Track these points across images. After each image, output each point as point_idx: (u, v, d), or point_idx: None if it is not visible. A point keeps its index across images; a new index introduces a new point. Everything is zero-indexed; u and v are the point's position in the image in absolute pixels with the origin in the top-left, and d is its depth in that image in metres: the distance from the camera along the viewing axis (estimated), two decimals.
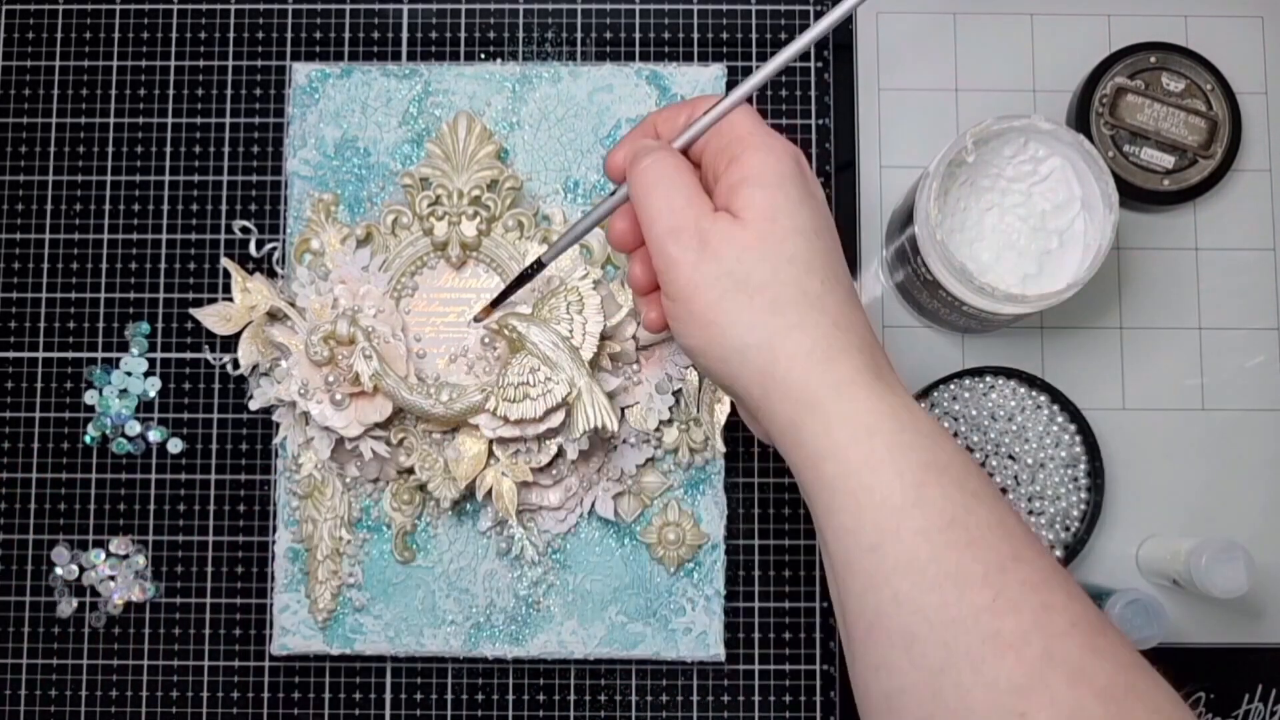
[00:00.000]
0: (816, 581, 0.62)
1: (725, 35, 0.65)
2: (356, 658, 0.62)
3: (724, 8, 0.65)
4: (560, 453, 0.59)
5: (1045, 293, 0.54)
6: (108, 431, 0.63)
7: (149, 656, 0.62)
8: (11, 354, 0.64)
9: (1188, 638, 0.61)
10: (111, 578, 0.62)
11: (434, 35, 0.65)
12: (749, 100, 0.45)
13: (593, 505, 0.61)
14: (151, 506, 0.63)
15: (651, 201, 0.43)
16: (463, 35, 0.65)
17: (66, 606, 0.62)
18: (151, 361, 0.63)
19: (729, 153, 0.44)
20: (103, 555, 0.62)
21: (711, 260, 0.42)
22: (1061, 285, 0.54)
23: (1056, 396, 0.61)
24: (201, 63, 0.65)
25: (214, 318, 0.62)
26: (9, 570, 0.62)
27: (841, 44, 0.65)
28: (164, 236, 0.64)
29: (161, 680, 0.62)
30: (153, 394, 0.63)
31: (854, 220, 0.64)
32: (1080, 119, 0.62)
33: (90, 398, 0.63)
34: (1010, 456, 0.61)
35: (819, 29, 0.45)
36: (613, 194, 0.46)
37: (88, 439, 0.63)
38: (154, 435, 0.63)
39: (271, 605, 0.62)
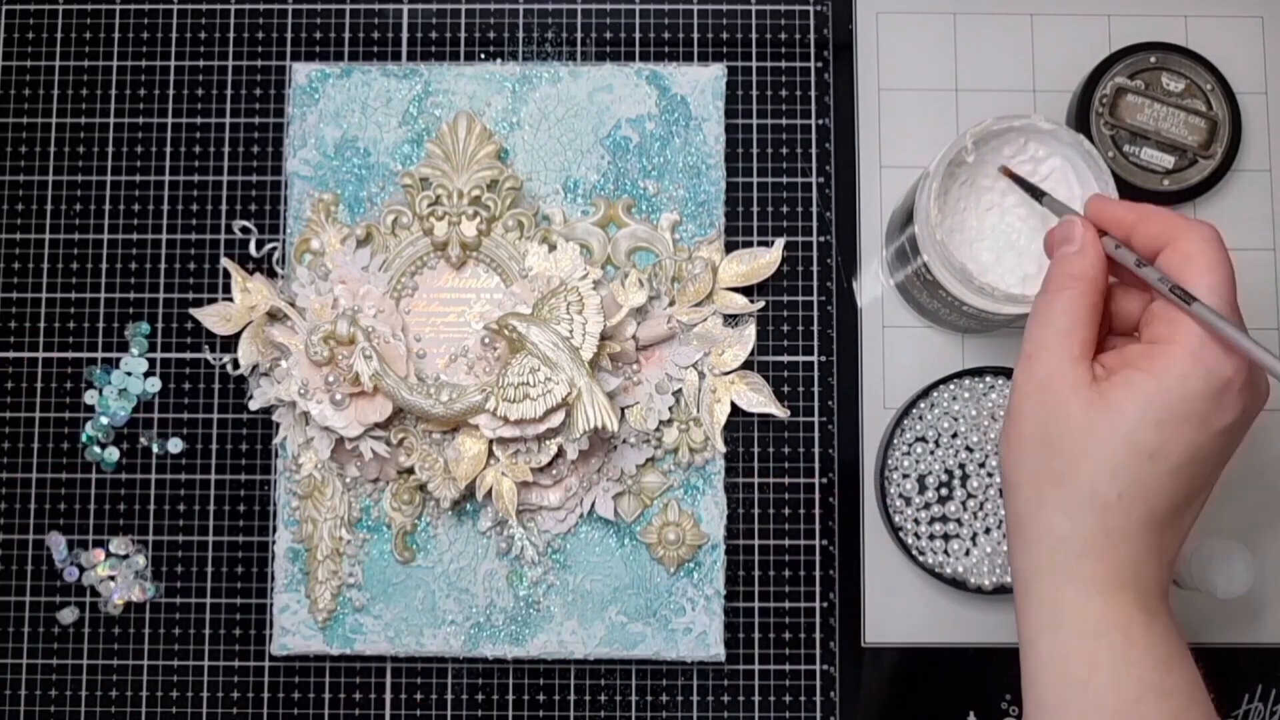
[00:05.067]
0: (816, 581, 0.62)
1: (725, 35, 0.65)
2: (356, 658, 0.62)
3: (724, 8, 0.65)
4: (560, 453, 0.59)
5: None
6: (101, 436, 0.63)
7: (149, 656, 0.62)
8: (11, 354, 0.64)
9: (1188, 638, 0.61)
10: (111, 578, 0.62)
11: (434, 35, 0.65)
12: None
13: (593, 505, 0.61)
14: (151, 506, 0.63)
15: (1036, 320, 0.44)
16: (463, 35, 0.65)
17: (69, 614, 0.62)
18: (151, 361, 0.63)
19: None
20: (103, 555, 0.62)
21: (1047, 410, 0.42)
22: None
23: None
24: (201, 63, 0.65)
25: (214, 318, 0.62)
26: (9, 570, 0.62)
27: (841, 44, 0.65)
28: (164, 236, 0.64)
29: (161, 680, 0.62)
30: (153, 394, 0.63)
31: (854, 220, 0.64)
32: (1080, 119, 0.62)
33: (90, 398, 0.63)
34: None
35: None
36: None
37: (86, 438, 0.63)
38: (154, 448, 0.63)
39: (271, 605, 0.62)
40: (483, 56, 0.65)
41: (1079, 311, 0.43)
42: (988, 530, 0.60)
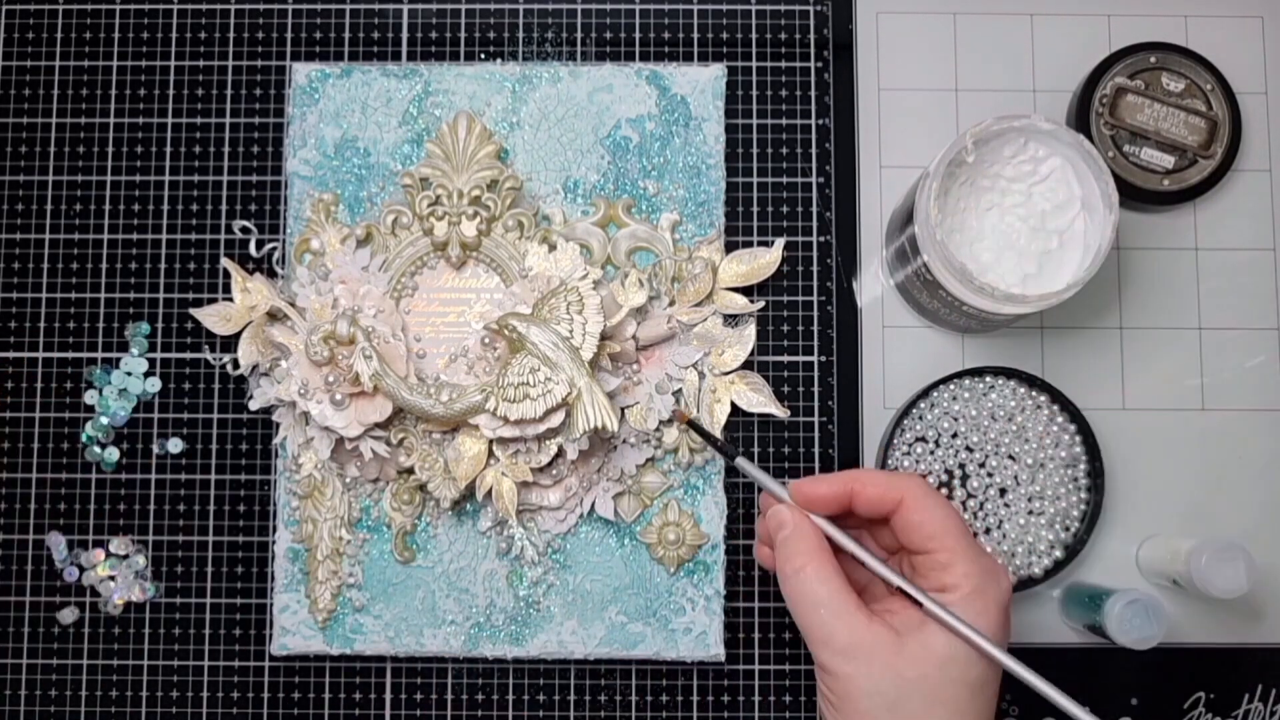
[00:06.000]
0: None
1: (725, 35, 0.65)
2: (356, 658, 0.62)
3: (724, 8, 0.65)
4: (560, 453, 0.59)
5: (1045, 293, 0.54)
6: (101, 436, 0.63)
7: (149, 656, 0.62)
8: (11, 354, 0.64)
9: (1188, 638, 0.61)
10: (111, 578, 0.62)
11: (434, 35, 0.65)
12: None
13: (593, 505, 0.61)
14: (151, 506, 0.63)
15: (802, 607, 0.49)
16: (463, 35, 0.65)
17: (69, 614, 0.62)
18: (151, 361, 0.63)
19: (935, 554, 0.48)
20: (103, 555, 0.62)
21: (866, 675, 0.46)
22: (1061, 285, 0.54)
23: (1056, 396, 0.61)
24: (201, 63, 0.65)
25: (214, 318, 0.62)
26: (9, 570, 0.62)
27: (841, 44, 0.65)
28: (164, 236, 0.64)
29: (161, 680, 0.62)
30: (153, 394, 0.63)
31: (854, 220, 0.64)
32: (1080, 119, 0.62)
33: (90, 398, 0.63)
34: (1010, 456, 0.61)
35: None
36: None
37: (86, 438, 0.63)
38: (155, 448, 0.63)
39: (271, 605, 0.62)
40: (483, 56, 0.65)
41: (829, 580, 0.48)
42: (988, 530, 0.60)
